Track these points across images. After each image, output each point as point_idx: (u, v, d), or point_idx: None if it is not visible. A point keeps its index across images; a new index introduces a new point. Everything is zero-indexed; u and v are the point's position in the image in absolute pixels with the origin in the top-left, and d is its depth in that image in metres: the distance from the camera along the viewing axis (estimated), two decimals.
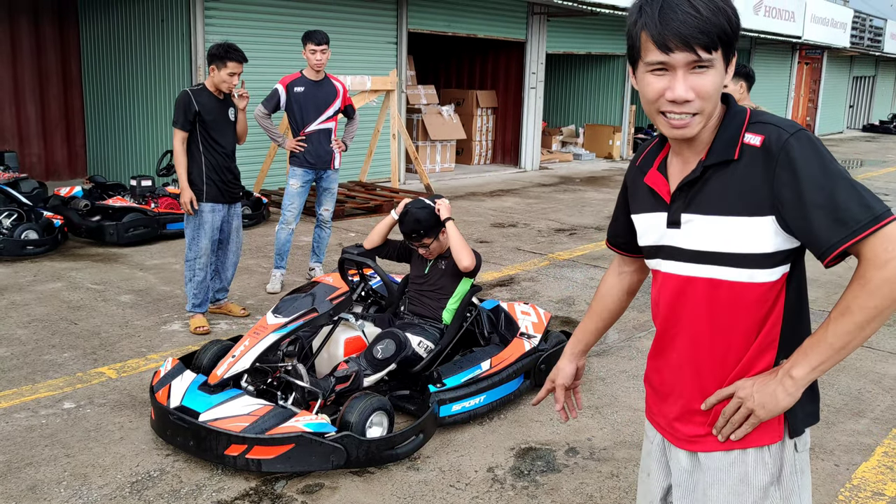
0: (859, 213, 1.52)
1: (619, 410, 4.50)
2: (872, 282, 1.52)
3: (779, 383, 1.62)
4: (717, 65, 1.59)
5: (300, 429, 3.56)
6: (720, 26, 1.56)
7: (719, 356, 1.73)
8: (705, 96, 1.60)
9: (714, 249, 1.67)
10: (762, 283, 1.66)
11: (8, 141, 11.31)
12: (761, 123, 1.64)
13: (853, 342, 1.57)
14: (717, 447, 1.75)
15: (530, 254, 8.35)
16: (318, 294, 4.10)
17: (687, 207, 1.70)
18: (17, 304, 5.98)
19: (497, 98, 15.95)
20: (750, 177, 1.61)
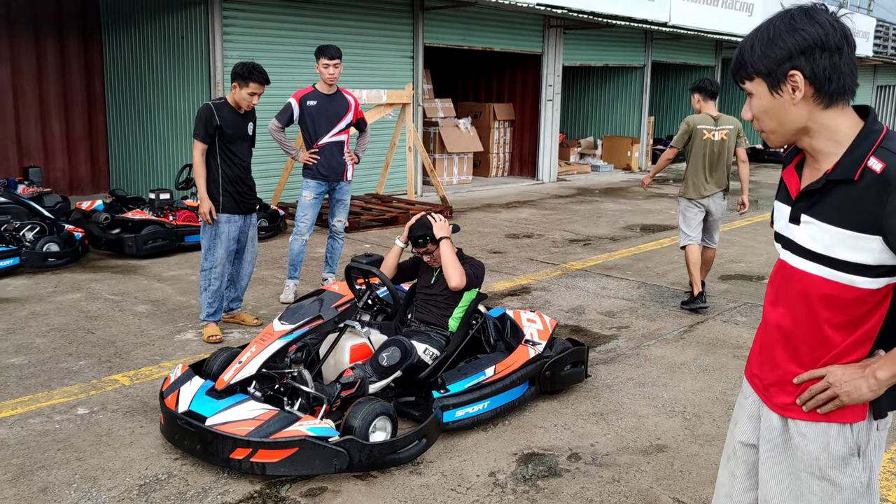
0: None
1: (624, 417, 4.53)
2: None
3: (864, 379, 1.88)
4: (757, 91, 1.92)
5: (304, 433, 3.63)
6: (744, 64, 1.92)
7: (816, 342, 1.98)
8: (757, 116, 1.96)
9: (824, 252, 1.91)
10: (862, 289, 1.89)
11: (34, 156, 11.58)
12: (887, 150, 1.83)
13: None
14: (806, 417, 2.00)
15: (543, 264, 8.38)
16: (323, 302, 4.18)
17: (808, 210, 1.94)
18: (37, 313, 6.13)
19: (514, 111, 16.04)
20: (866, 198, 1.82)
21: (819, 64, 1.83)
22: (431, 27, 12.81)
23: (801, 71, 1.84)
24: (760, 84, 1.91)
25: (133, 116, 11.57)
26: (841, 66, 1.84)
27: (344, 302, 4.20)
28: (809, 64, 1.83)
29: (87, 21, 11.86)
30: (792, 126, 1.92)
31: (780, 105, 1.89)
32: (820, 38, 1.83)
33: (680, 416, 4.55)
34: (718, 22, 17.71)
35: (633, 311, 6.71)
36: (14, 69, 11.31)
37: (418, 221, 4.78)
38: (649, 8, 15.61)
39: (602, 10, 14.20)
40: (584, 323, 6.33)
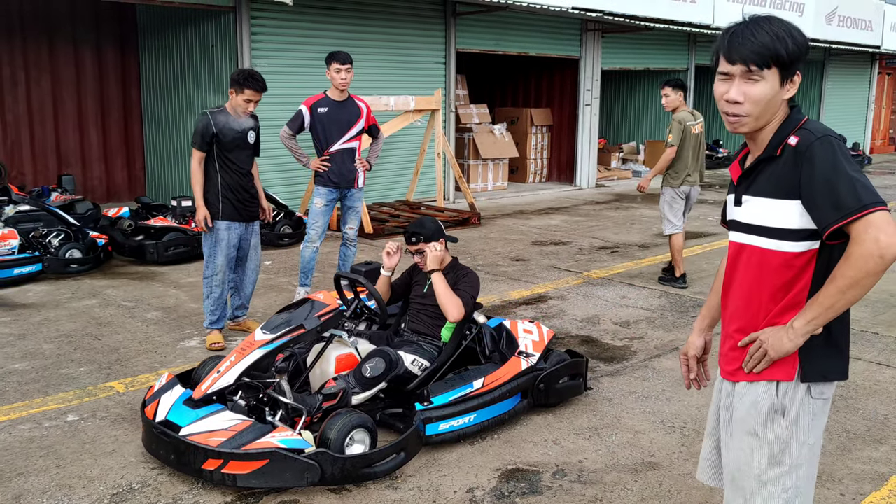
0: (851, 202, 1.96)
1: (619, 432, 4.35)
2: (852, 256, 1.98)
3: (785, 332, 2.10)
4: (769, 79, 2.07)
5: (275, 445, 3.56)
6: (774, 50, 2.04)
7: (754, 309, 2.20)
8: (752, 100, 2.09)
9: (757, 223, 2.16)
10: (787, 252, 2.11)
11: (72, 165, 11.86)
12: (803, 129, 2.10)
13: (838, 303, 2.02)
14: (742, 378, 2.23)
15: (565, 272, 8.21)
16: (306, 311, 4.12)
17: (746, 190, 2.21)
18: (50, 319, 6.22)
19: (552, 116, 15.84)
20: (786, 168, 2.08)
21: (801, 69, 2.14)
22: (464, 32, 12.73)
23: (800, 72, 2.12)
24: (775, 74, 2.08)
25: (168, 124, 11.75)
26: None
27: (328, 311, 4.13)
28: (801, 67, 2.13)
29: (125, 31, 12.10)
30: (769, 116, 2.14)
31: (778, 97, 2.11)
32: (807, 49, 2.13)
33: (678, 433, 4.36)
34: None
35: (649, 321, 6.50)
36: (53, 80, 11.60)
37: (418, 219, 4.75)
38: (691, 10, 15.26)
39: (641, 13, 13.93)
40: (597, 333, 6.15)
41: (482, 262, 8.58)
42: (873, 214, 1.95)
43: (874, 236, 1.94)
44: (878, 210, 1.96)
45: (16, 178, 11.31)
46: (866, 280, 1.97)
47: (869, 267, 1.96)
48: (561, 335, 6.07)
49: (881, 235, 1.94)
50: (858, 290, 1.99)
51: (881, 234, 1.94)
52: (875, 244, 1.94)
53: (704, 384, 2.59)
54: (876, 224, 1.95)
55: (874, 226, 1.94)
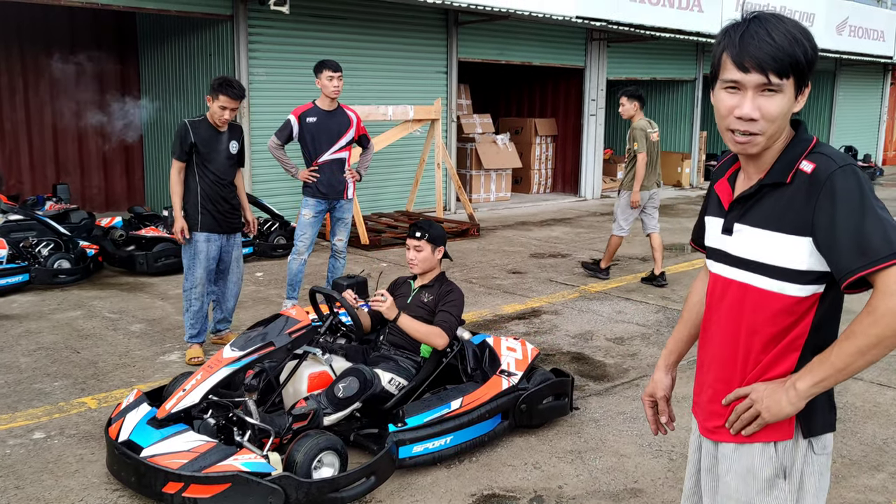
0: (880, 246, 1.66)
1: (603, 456, 4.18)
2: (878, 311, 1.66)
3: (784, 392, 1.78)
4: (787, 91, 1.76)
5: (237, 468, 3.41)
6: (794, 56, 1.73)
7: (742, 356, 1.90)
8: (769, 118, 1.77)
9: (754, 259, 1.84)
10: (791, 297, 1.81)
11: (70, 173, 11.80)
12: (818, 153, 1.79)
13: (854, 365, 1.71)
14: (731, 439, 1.91)
15: (562, 285, 8.04)
16: (276, 327, 3.97)
17: (740, 218, 1.88)
18: (32, 331, 6.10)
19: (557, 126, 15.69)
20: (797, 199, 1.77)
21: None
22: (466, 41, 12.61)
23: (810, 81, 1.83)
24: (791, 85, 1.78)
25: (167, 133, 11.68)
26: None
27: (299, 328, 3.98)
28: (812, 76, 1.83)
29: (124, 40, 12.06)
30: (780, 132, 1.83)
31: (790, 110, 1.81)
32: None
33: (665, 457, 4.18)
34: None
35: (644, 337, 6.32)
36: (52, 88, 11.56)
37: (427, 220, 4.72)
38: (699, 19, 15.08)
39: (648, 22, 13.77)
40: (589, 350, 5.97)
41: (477, 275, 8.42)
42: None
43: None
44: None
45: (14, 187, 11.26)
46: (891, 340, 1.67)
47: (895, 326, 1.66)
48: (551, 352, 5.90)
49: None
50: (880, 351, 1.69)
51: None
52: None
53: (672, 427, 2.30)
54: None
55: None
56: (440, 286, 4.46)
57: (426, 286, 4.49)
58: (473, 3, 10.93)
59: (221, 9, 9.81)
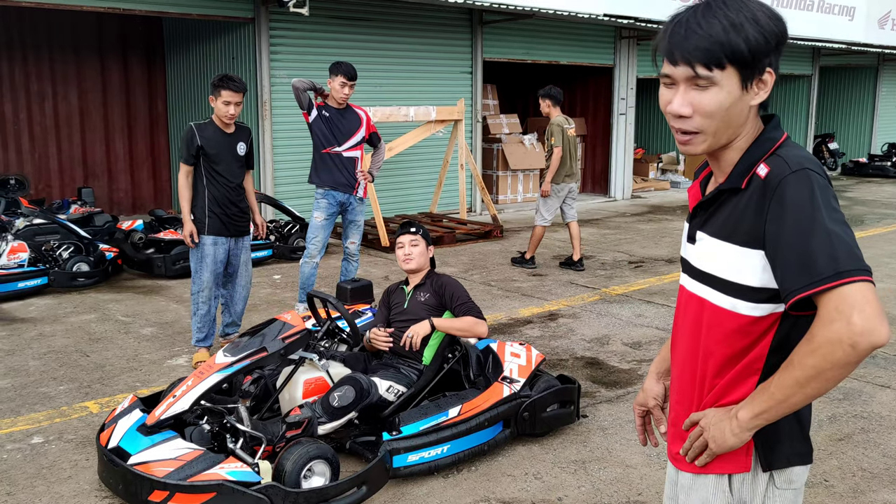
0: (824, 266, 1.47)
1: (608, 467, 4.02)
2: (815, 340, 1.49)
3: (728, 422, 1.63)
4: (725, 83, 1.56)
5: (222, 477, 3.34)
6: (728, 45, 1.54)
7: (699, 377, 1.74)
8: (705, 113, 1.59)
9: (711, 272, 1.68)
10: (744, 316, 1.63)
11: (98, 177, 11.94)
12: (776, 155, 1.60)
13: (794, 398, 1.53)
14: (689, 468, 1.76)
15: (583, 288, 7.87)
16: (270, 332, 3.90)
17: (702, 226, 1.72)
18: (45, 334, 6.13)
19: (586, 125, 15.46)
20: (750, 207, 1.59)
21: (778, 60, 1.61)
22: (491, 41, 12.48)
23: (774, 68, 1.60)
24: (732, 76, 1.57)
25: None
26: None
27: (293, 333, 3.89)
28: (777, 59, 1.60)
29: (151, 44, 12.17)
30: (733, 131, 1.63)
31: (742, 104, 1.60)
32: (784, 32, 1.60)
33: None
34: (814, 27, 16.56)
35: (663, 341, 6.12)
36: (80, 93, 11.71)
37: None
38: None
39: None
40: (604, 355, 5.81)
41: (497, 277, 8.29)
42: (850, 286, 1.45)
43: (847, 317, 1.44)
44: (858, 281, 1.45)
45: (43, 191, 11.42)
46: (831, 372, 1.48)
47: (836, 357, 1.46)
48: (565, 356, 5.75)
49: (855, 316, 1.44)
50: (821, 384, 1.50)
51: (855, 315, 1.44)
52: (847, 328, 1.44)
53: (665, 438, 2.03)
54: (851, 300, 1.44)
55: (848, 302, 1.44)
56: (433, 282, 4.41)
57: (420, 285, 4.41)
58: (497, 2, 10.79)
59: (243, 12, 9.82)
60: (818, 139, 20.78)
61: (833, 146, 20.78)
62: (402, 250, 4.45)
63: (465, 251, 9.69)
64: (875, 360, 5.69)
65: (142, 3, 8.96)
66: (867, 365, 5.59)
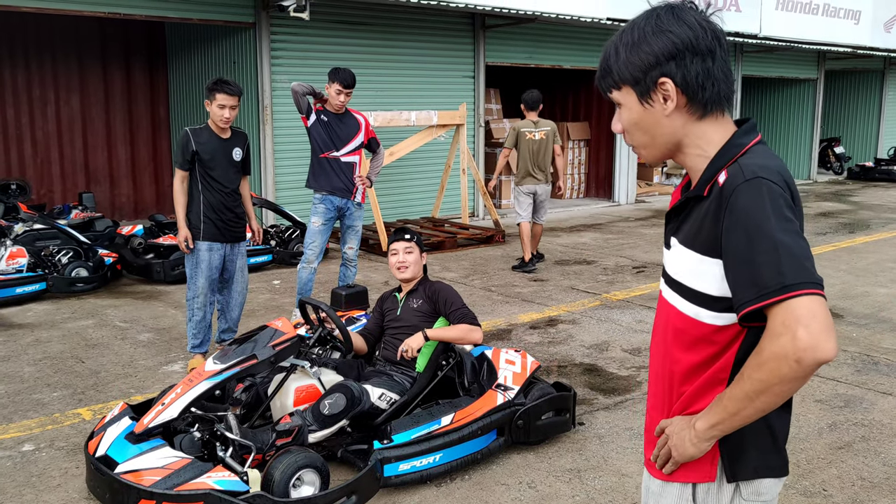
0: (770, 279, 1.46)
1: (604, 476, 3.97)
2: (763, 354, 1.49)
3: (687, 431, 1.64)
4: (628, 100, 1.67)
5: (209, 486, 3.30)
6: (605, 68, 1.68)
7: (668, 384, 1.74)
8: (626, 129, 1.71)
9: (678, 279, 1.69)
10: (706, 324, 1.64)
11: (100, 182, 11.94)
12: (736, 163, 1.59)
13: (745, 411, 1.53)
14: (657, 475, 1.76)
15: (584, 293, 7.81)
16: (260, 340, 3.86)
17: (675, 232, 1.72)
18: (41, 340, 6.11)
19: (590, 130, 15.41)
20: (709, 215, 1.59)
21: (691, 70, 1.60)
22: (493, 45, 12.45)
23: (672, 78, 1.61)
24: (629, 93, 1.67)
25: None
26: (714, 71, 1.62)
27: (283, 340, 3.86)
28: (680, 70, 1.60)
29: (153, 50, 12.19)
30: (665, 140, 1.69)
31: (652, 116, 1.66)
32: (690, 41, 1.60)
33: None
34: (819, 31, 16.49)
35: None
36: (83, 99, 11.73)
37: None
38: (737, 19, 14.68)
39: None
40: (603, 361, 5.75)
41: (498, 283, 8.24)
42: (797, 300, 1.44)
43: (792, 331, 1.43)
44: (806, 294, 1.44)
45: (45, 196, 11.43)
46: (779, 387, 1.47)
47: (782, 372, 1.45)
48: (563, 363, 5.70)
49: (800, 331, 1.42)
50: (770, 398, 1.49)
51: (800, 330, 1.42)
52: (791, 343, 1.43)
53: None
54: (796, 314, 1.43)
55: (794, 316, 1.43)
56: (426, 289, 4.37)
57: (412, 292, 4.38)
58: (499, 6, 10.76)
59: (244, 17, 9.82)
60: (824, 143, 20.68)
61: (839, 150, 20.68)
62: (395, 257, 4.41)
63: (466, 256, 9.64)
64: (878, 367, 5.62)
65: (142, 7, 8.96)
66: (869, 372, 5.53)
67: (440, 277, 8.35)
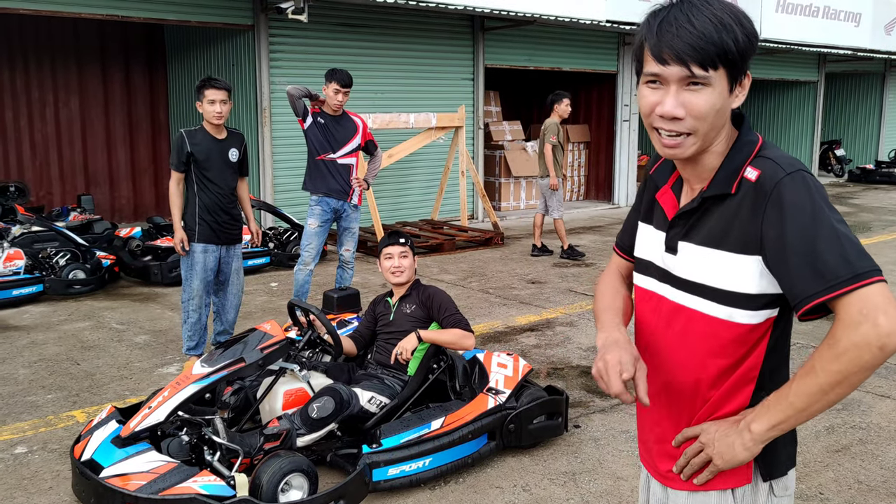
0: (839, 268, 1.42)
1: (599, 479, 3.94)
2: (840, 344, 1.43)
3: (738, 435, 1.56)
4: (717, 84, 1.52)
5: (195, 490, 3.28)
6: (721, 45, 1.50)
7: (691, 389, 1.67)
8: (698, 115, 1.53)
9: (701, 281, 1.62)
10: (741, 324, 1.58)
11: (100, 184, 11.94)
12: (763, 158, 1.56)
13: (815, 405, 1.48)
14: (683, 487, 1.69)
15: (582, 296, 7.78)
16: (248, 343, 3.84)
17: (684, 236, 1.66)
18: (37, 343, 6.09)
19: (590, 132, 15.38)
20: (742, 212, 1.55)
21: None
22: (493, 48, 12.43)
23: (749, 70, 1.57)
24: (723, 77, 1.53)
25: None
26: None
27: (272, 343, 3.83)
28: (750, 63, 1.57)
29: (153, 52, 12.19)
30: (717, 134, 1.59)
31: (729, 105, 1.56)
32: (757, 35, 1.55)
33: None
34: (820, 33, 16.45)
35: None
36: (82, 101, 11.74)
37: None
38: None
39: None
40: None
41: (495, 285, 8.22)
42: (869, 288, 1.41)
43: (872, 319, 1.39)
44: (876, 281, 1.42)
45: (44, 198, 11.43)
46: (857, 376, 1.44)
47: (864, 360, 1.42)
48: (560, 365, 5.67)
49: (881, 318, 1.39)
50: (844, 389, 1.46)
51: (881, 317, 1.39)
52: (874, 330, 1.40)
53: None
54: (873, 302, 1.40)
55: (871, 304, 1.40)
56: (419, 293, 4.34)
57: (405, 297, 4.35)
58: (498, 9, 10.74)
59: (242, 19, 9.81)
60: (825, 146, 20.63)
61: (840, 153, 20.63)
62: (390, 262, 4.36)
63: (464, 258, 9.62)
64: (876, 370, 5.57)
65: (141, 10, 8.96)
66: None
67: (438, 279, 8.34)
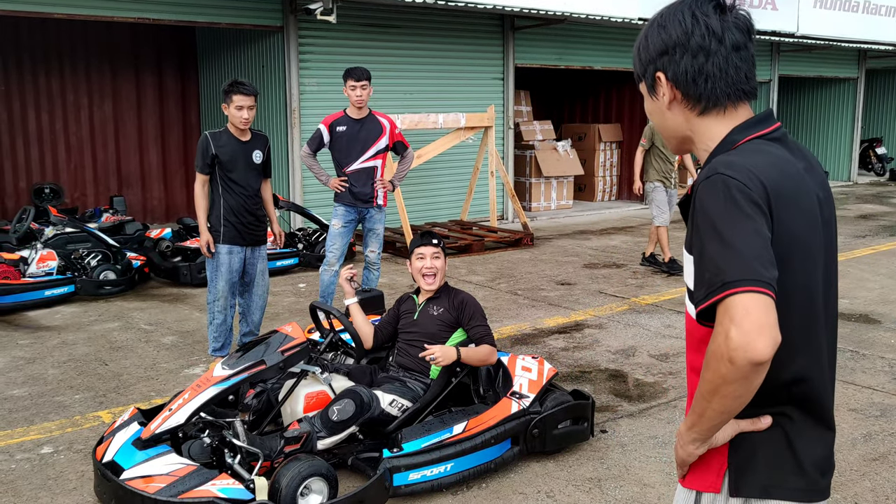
0: (714, 276, 1.44)
1: (625, 485, 3.85)
2: (708, 353, 1.45)
3: (680, 435, 1.62)
4: (644, 93, 1.73)
5: (213, 494, 3.26)
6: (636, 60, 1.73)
7: (691, 388, 1.69)
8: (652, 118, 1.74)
9: (687, 283, 1.64)
10: (704, 324, 1.56)
11: (132, 186, 12.08)
12: (714, 159, 1.59)
13: (707, 412, 1.49)
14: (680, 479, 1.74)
15: (612, 297, 7.67)
16: (269, 345, 3.82)
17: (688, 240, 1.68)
18: (67, 343, 6.15)
19: (622, 131, 15.20)
20: (690, 214, 1.60)
21: (680, 66, 1.63)
22: (523, 47, 12.33)
23: (665, 73, 1.65)
24: (643, 86, 1.75)
25: None
26: (709, 67, 1.61)
27: (293, 346, 3.80)
28: (671, 66, 1.64)
29: (185, 54, 12.30)
30: (673, 132, 1.73)
31: (658, 109, 1.72)
32: (679, 38, 1.62)
33: None
34: (859, 29, 16.07)
35: None
36: (115, 104, 11.89)
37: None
38: (773, 17, 14.37)
39: None
40: (629, 367, 5.62)
41: (524, 286, 8.13)
42: (734, 297, 1.38)
43: (726, 330, 1.39)
44: (743, 291, 1.38)
45: (78, 199, 11.59)
46: (725, 389, 1.41)
47: (721, 372, 1.40)
48: (588, 369, 5.58)
49: (732, 330, 1.37)
50: (724, 400, 1.44)
51: (732, 329, 1.37)
52: (724, 342, 1.39)
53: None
54: (731, 313, 1.38)
55: (729, 315, 1.39)
56: (448, 296, 4.25)
57: (433, 298, 4.27)
58: (528, 7, 10.65)
59: (272, 20, 9.84)
60: (865, 144, 20.17)
61: (881, 151, 20.16)
62: (422, 262, 4.28)
63: (493, 259, 9.55)
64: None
65: (172, 13, 9.03)
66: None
67: (466, 280, 8.28)
